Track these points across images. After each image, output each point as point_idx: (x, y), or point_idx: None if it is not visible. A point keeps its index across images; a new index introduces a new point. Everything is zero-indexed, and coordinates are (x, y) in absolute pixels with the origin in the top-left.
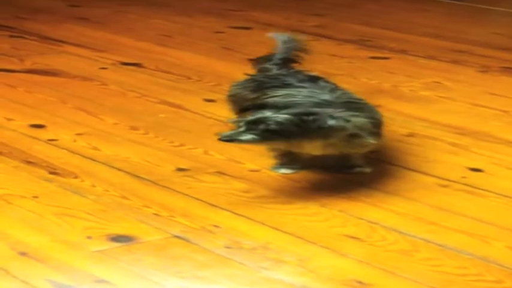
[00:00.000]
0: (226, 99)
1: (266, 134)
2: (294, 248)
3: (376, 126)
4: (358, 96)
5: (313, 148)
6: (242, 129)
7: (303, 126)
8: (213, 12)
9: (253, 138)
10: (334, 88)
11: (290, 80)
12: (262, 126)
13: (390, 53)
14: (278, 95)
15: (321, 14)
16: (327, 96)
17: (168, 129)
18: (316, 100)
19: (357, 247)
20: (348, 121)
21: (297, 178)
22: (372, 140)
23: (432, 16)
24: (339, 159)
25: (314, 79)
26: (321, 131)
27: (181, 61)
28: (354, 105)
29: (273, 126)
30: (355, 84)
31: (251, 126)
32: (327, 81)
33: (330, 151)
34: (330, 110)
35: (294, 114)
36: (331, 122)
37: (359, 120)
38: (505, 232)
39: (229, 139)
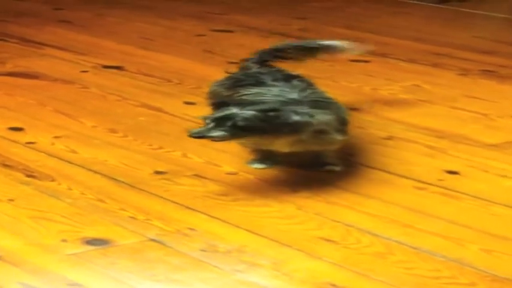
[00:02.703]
0: (206, 97)
1: (234, 130)
2: (269, 251)
3: (341, 123)
4: (328, 95)
5: (281, 145)
6: (211, 125)
7: (269, 122)
8: (195, 16)
9: (223, 134)
10: (305, 87)
11: (265, 78)
12: (230, 123)
13: (371, 56)
14: (248, 93)
15: (303, 17)
16: (294, 95)
17: (147, 132)
18: (283, 99)
19: (331, 250)
20: (312, 117)
21: (274, 181)
22: (337, 137)
23: (413, 19)
24: (312, 157)
25: (289, 78)
26: (286, 127)
27: (162, 64)
28: (321, 103)
29: (240, 123)
30: (335, 87)
31: (219, 122)
32: (302, 81)
33: (298, 148)
34: (294, 107)
35: (260, 111)
36: (295, 118)
37: (323, 116)
38: (479, 235)
39: (199, 135)
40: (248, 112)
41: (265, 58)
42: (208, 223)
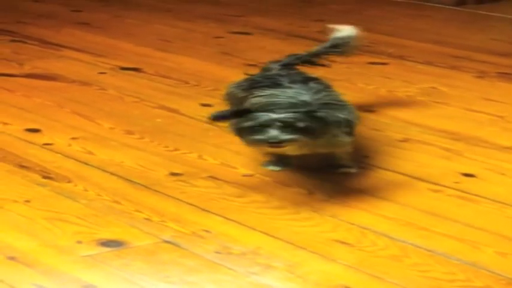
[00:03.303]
0: (223, 99)
1: (301, 132)
2: (283, 253)
3: (347, 125)
4: (341, 98)
5: (295, 148)
6: (276, 130)
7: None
8: (213, 18)
9: (295, 137)
10: (321, 90)
11: (282, 80)
12: (300, 124)
13: (388, 59)
14: (263, 95)
15: (322, 19)
16: (307, 97)
17: (163, 134)
18: (294, 100)
19: (346, 252)
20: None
21: (289, 183)
22: (344, 139)
23: (432, 22)
24: (326, 159)
25: (307, 80)
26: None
27: (180, 66)
28: (332, 106)
29: (301, 124)
30: (352, 89)
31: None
32: (319, 83)
33: (307, 150)
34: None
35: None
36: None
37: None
38: (495, 238)
39: (276, 141)
40: (295, 115)
41: (290, 62)
42: (223, 225)
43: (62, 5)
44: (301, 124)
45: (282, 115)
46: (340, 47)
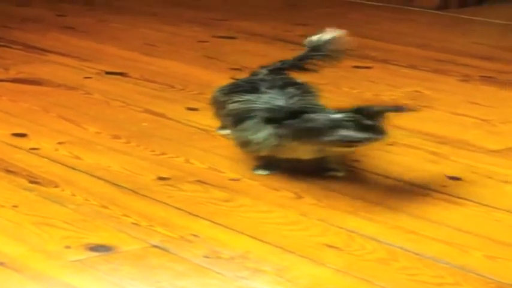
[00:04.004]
0: (209, 103)
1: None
2: (272, 257)
3: None
4: (317, 103)
5: (310, 151)
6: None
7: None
8: (198, 22)
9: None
10: (296, 95)
11: (261, 85)
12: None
13: (373, 63)
14: (240, 100)
15: (306, 23)
16: (281, 102)
17: (150, 138)
18: (269, 106)
19: (335, 256)
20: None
21: (277, 187)
22: None
23: (415, 26)
24: (314, 162)
25: (286, 85)
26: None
27: (165, 70)
28: (307, 110)
29: (368, 122)
30: (337, 93)
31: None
32: (298, 88)
33: (321, 154)
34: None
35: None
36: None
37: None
38: (483, 241)
39: (351, 140)
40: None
41: (278, 67)
42: (212, 229)
43: (47, 10)
44: (369, 122)
45: (342, 115)
46: (324, 51)
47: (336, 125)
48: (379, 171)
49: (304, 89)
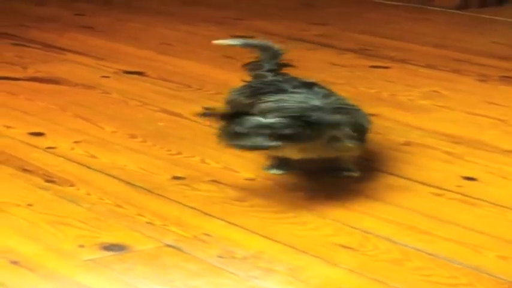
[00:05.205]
0: (224, 105)
1: (282, 138)
2: (285, 257)
3: (357, 130)
4: (351, 102)
5: (296, 151)
6: (250, 135)
7: (307, 127)
8: (215, 21)
9: (276, 144)
10: (328, 94)
11: (285, 86)
12: (269, 131)
13: (390, 62)
14: (271, 100)
15: (323, 23)
16: (317, 102)
17: (166, 138)
18: (306, 105)
19: (348, 256)
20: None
21: (291, 187)
22: (349, 144)
23: (434, 25)
24: (329, 162)
25: (309, 85)
26: (324, 130)
27: (182, 69)
28: (344, 110)
29: (285, 131)
30: (354, 92)
31: (257, 131)
32: (321, 87)
33: (311, 154)
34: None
35: (293, 117)
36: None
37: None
38: (497, 242)
39: (253, 147)
40: (285, 120)
41: (272, 67)
42: (226, 229)
43: (64, 9)
44: (286, 131)
45: (271, 120)
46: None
47: (256, 131)
48: (393, 171)
49: (327, 89)
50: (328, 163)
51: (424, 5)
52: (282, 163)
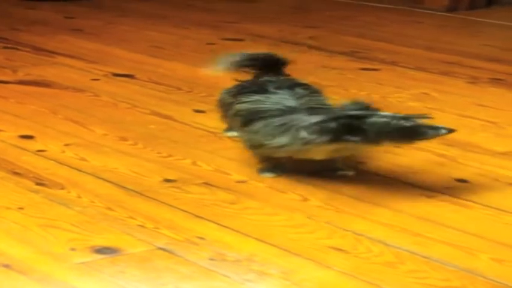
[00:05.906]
0: (216, 104)
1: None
2: (278, 260)
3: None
4: (327, 103)
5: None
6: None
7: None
8: (206, 24)
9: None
10: (305, 95)
11: (269, 86)
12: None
13: (381, 65)
14: (248, 101)
15: (314, 26)
16: (292, 103)
17: (157, 140)
18: (281, 106)
19: (342, 259)
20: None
21: (283, 189)
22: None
23: (424, 28)
24: (323, 163)
25: (294, 86)
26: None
27: (172, 72)
28: (317, 110)
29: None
30: (345, 95)
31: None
32: (306, 89)
33: (335, 154)
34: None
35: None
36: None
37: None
38: (490, 244)
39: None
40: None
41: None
42: (218, 232)
43: (55, 12)
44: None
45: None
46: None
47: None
48: (387, 174)
49: (312, 90)
50: (323, 164)
51: (414, 7)
52: (274, 165)
